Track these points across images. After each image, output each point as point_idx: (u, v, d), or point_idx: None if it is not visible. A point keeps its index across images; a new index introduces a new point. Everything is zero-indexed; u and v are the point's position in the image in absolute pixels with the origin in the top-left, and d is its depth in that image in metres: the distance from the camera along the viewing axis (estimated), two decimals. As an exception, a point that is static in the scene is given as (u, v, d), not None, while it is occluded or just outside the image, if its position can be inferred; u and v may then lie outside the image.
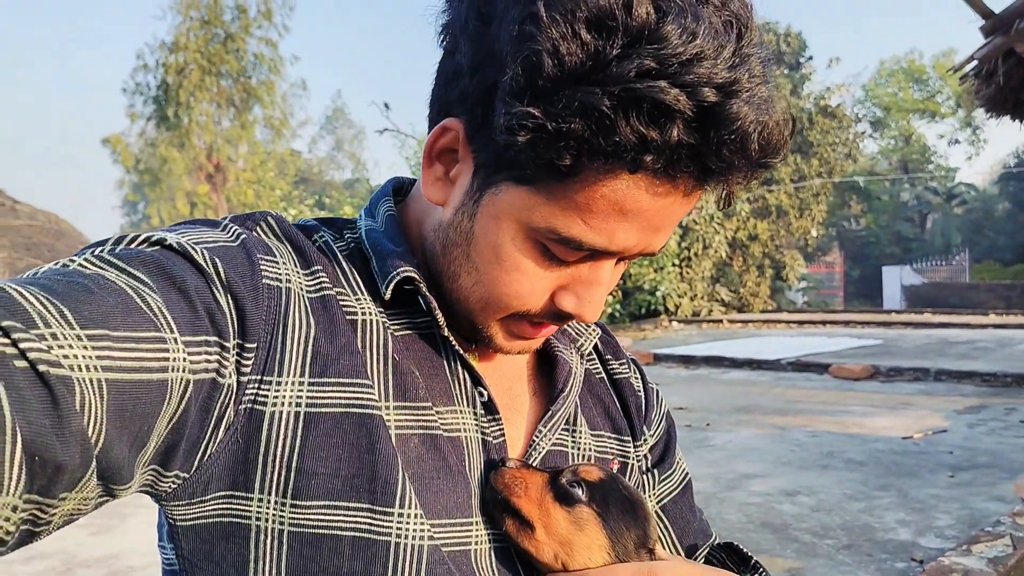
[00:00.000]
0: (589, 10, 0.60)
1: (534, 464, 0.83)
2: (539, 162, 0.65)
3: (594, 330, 0.98)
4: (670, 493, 0.98)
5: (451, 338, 0.79)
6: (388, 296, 0.77)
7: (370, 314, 0.77)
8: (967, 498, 5.72)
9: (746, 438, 7.97)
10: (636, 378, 1.02)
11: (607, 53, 0.60)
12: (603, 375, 1.00)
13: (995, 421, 8.42)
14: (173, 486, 0.66)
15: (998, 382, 10.80)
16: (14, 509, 0.48)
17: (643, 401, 1.00)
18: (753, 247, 26.57)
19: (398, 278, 0.77)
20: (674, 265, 22.63)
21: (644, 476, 0.96)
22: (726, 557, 0.98)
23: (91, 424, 0.51)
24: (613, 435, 0.94)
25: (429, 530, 0.70)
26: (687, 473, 1.03)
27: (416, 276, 0.77)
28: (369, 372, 0.74)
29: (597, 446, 0.91)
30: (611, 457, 0.92)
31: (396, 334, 0.79)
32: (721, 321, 22.61)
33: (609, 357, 1.01)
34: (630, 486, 0.81)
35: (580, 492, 0.76)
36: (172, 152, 32.15)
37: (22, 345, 0.48)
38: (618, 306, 21.75)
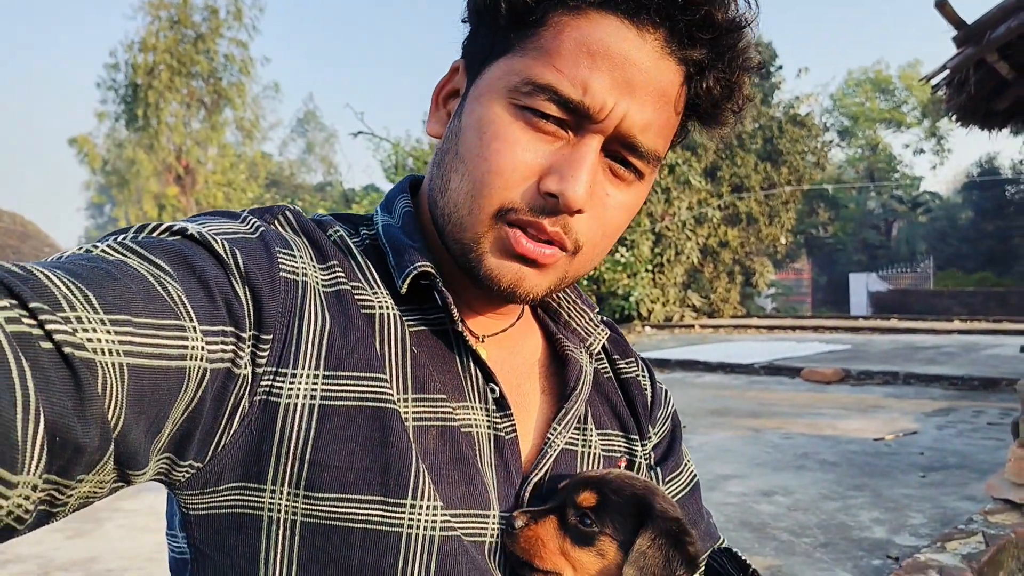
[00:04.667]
0: None
1: (548, 463, 0.83)
2: (510, 11, 0.71)
3: (603, 330, 0.98)
4: (678, 493, 0.99)
5: (465, 333, 0.80)
6: (404, 290, 0.78)
7: (387, 308, 0.78)
8: (939, 497, 5.83)
9: (722, 440, 8.05)
10: (644, 376, 1.02)
11: None
12: (611, 374, 1.00)
13: (963, 423, 8.59)
14: (187, 475, 0.67)
15: (965, 385, 11.01)
16: (34, 488, 0.48)
17: (650, 399, 1.01)
18: (724, 254, 26.83)
19: (415, 272, 0.77)
20: (647, 271, 22.78)
21: (650, 473, 0.97)
22: (726, 561, 0.98)
23: (111, 408, 0.51)
24: (620, 433, 0.95)
25: (447, 520, 0.71)
26: (695, 474, 1.03)
27: (432, 271, 0.78)
28: (385, 365, 0.74)
29: (604, 444, 0.92)
30: (618, 455, 0.93)
31: (411, 329, 0.79)
32: (693, 326, 22.79)
33: (617, 357, 1.01)
34: (622, 486, 0.82)
35: (591, 524, 0.78)
36: (140, 153, 31.76)
37: (48, 327, 0.49)
38: (591, 311, 21.79)
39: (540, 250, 0.76)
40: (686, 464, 1.02)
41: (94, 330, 0.51)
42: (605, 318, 1.02)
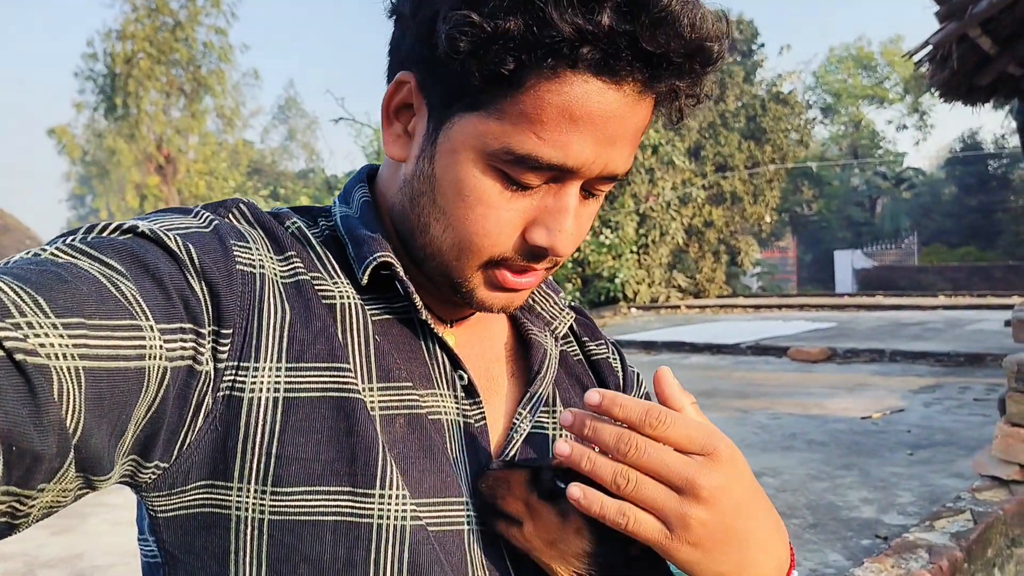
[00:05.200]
0: None
1: (515, 447, 0.83)
2: (484, 73, 0.67)
3: (568, 313, 0.98)
4: None
5: (430, 321, 0.80)
6: (365, 281, 0.78)
7: (348, 297, 0.77)
8: (926, 475, 5.86)
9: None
10: (615, 359, 1.02)
11: None
12: (580, 356, 1.00)
13: (950, 400, 8.64)
14: (153, 476, 0.66)
15: (951, 362, 11.08)
16: None
17: (621, 381, 1.01)
18: (709, 233, 26.87)
19: (375, 263, 0.77)
20: (632, 252, 22.78)
21: None
22: None
23: (69, 413, 0.50)
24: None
25: (414, 510, 0.70)
26: None
27: (393, 261, 0.78)
28: (349, 355, 0.73)
29: None
30: None
31: (374, 319, 0.79)
32: (679, 307, 22.85)
33: (586, 339, 1.01)
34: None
35: (562, 485, 0.75)
36: (120, 143, 31.52)
37: None
38: (577, 293, 21.84)
39: (527, 280, 0.80)
40: None
41: (46, 335, 0.51)
42: (573, 303, 1.01)
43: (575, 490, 0.69)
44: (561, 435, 0.88)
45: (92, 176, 35.25)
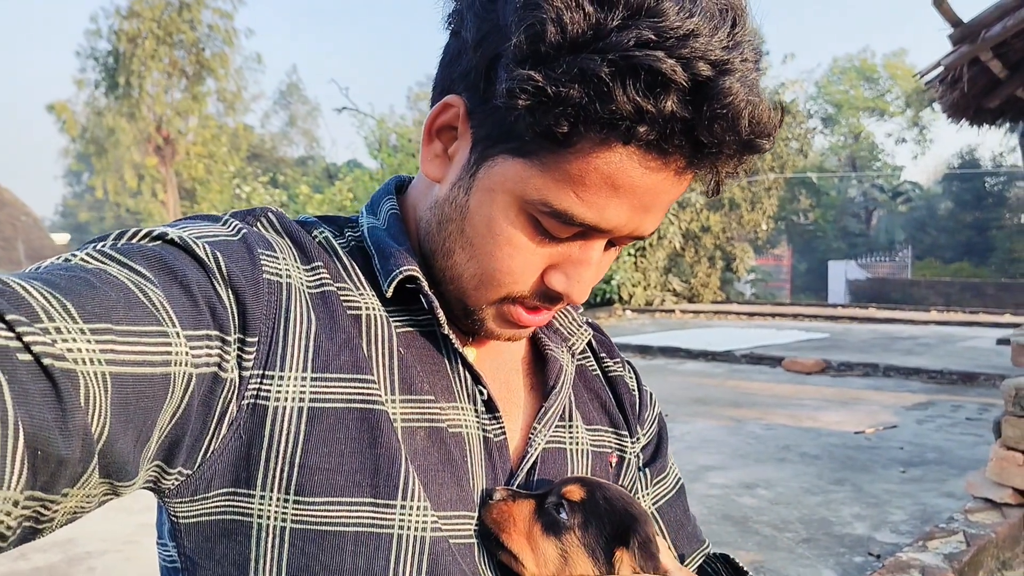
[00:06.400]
0: None
1: (532, 461, 0.84)
2: (537, 129, 0.66)
3: (586, 330, 0.99)
4: (665, 496, 1.00)
5: (451, 336, 0.80)
6: (390, 294, 0.78)
7: (374, 309, 0.78)
8: (919, 494, 5.89)
9: (704, 430, 8.09)
10: (631, 377, 1.04)
11: (608, 23, 0.63)
12: (598, 372, 1.01)
13: (942, 418, 8.67)
14: (176, 483, 0.67)
15: (944, 379, 11.11)
16: (15, 504, 0.47)
17: (637, 400, 1.02)
18: (705, 239, 26.87)
19: (400, 276, 0.78)
20: (629, 255, 22.78)
21: (639, 473, 0.97)
22: (720, 567, 0.99)
23: (95, 419, 0.51)
24: (610, 429, 0.96)
25: (435, 521, 0.71)
26: (679, 477, 1.05)
27: (418, 275, 0.78)
28: (373, 367, 0.74)
29: (593, 440, 0.93)
30: (608, 450, 0.94)
31: (398, 331, 0.79)
32: (673, 311, 22.86)
33: (604, 355, 1.03)
34: (615, 496, 0.81)
35: (566, 517, 0.77)
36: (120, 122, 31.36)
37: (26, 339, 0.48)
38: (572, 293, 21.80)
39: (538, 319, 0.82)
40: (671, 467, 1.04)
41: (74, 340, 0.51)
42: (590, 320, 1.03)
43: None
44: (577, 448, 0.90)
45: (90, 154, 34.99)
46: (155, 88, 31.06)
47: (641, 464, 0.99)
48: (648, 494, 0.98)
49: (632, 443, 0.97)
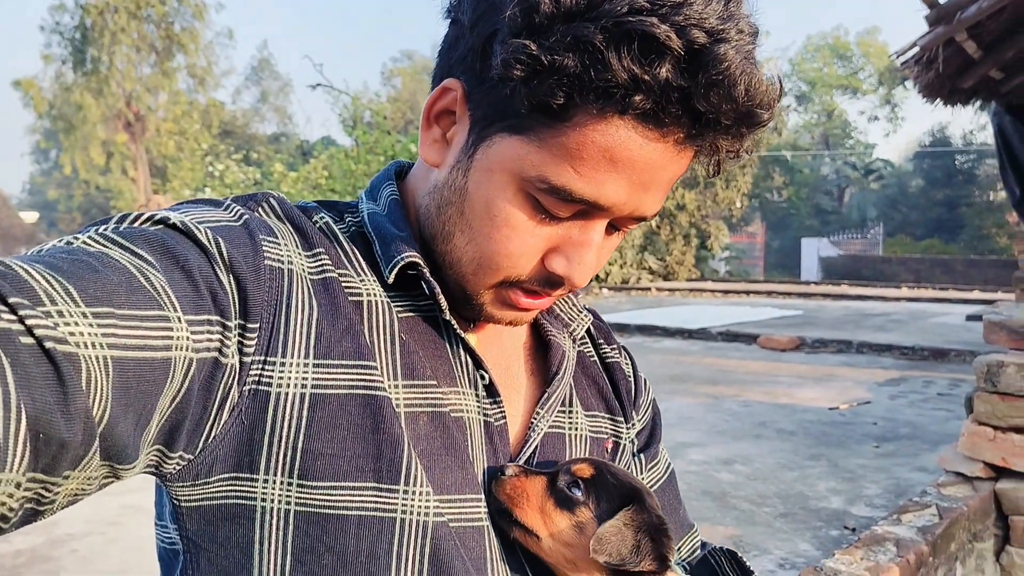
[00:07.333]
0: None
1: (533, 446, 0.85)
2: (533, 101, 0.67)
3: (586, 315, 0.99)
4: (657, 481, 1.01)
5: (453, 321, 0.80)
6: (391, 280, 0.78)
7: (375, 295, 0.78)
8: (892, 468, 6.01)
9: (681, 407, 8.18)
10: (627, 363, 1.04)
11: None
12: (596, 358, 1.02)
13: (914, 393, 8.83)
14: (178, 467, 0.67)
15: (916, 355, 11.30)
16: (17, 486, 0.48)
17: (633, 386, 1.03)
18: (680, 216, 26.99)
19: (402, 263, 0.78)
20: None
21: (633, 459, 0.98)
22: (724, 562, 0.97)
23: (96, 402, 0.51)
24: (607, 415, 0.97)
25: (437, 506, 0.72)
26: (670, 463, 1.06)
27: (419, 261, 0.78)
28: (375, 352, 0.74)
29: (591, 426, 0.93)
30: (605, 436, 0.95)
31: (400, 316, 0.79)
32: (649, 289, 23.00)
33: (601, 342, 1.03)
34: (620, 473, 0.83)
35: (578, 493, 0.79)
36: (88, 98, 30.79)
37: (29, 322, 0.48)
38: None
39: (538, 303, 0.81)
40: (662, 452, 1.05)
41: (76, 323, 0.51)
42: (588, 306, 1.03)
43: None
44: (576, 434, 0.91)
45: (58, 131, 34.36)
46: (124, 64, 30.52)
47: (635, 450, 1.00)
48: (642, 479, 0.98)
49: (627, 429, 0.98)
